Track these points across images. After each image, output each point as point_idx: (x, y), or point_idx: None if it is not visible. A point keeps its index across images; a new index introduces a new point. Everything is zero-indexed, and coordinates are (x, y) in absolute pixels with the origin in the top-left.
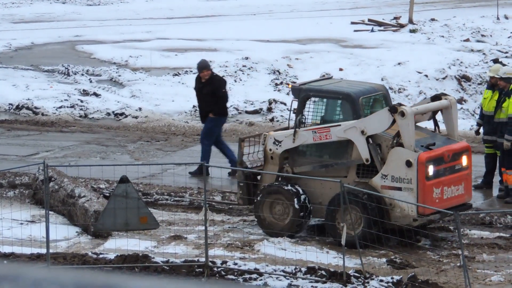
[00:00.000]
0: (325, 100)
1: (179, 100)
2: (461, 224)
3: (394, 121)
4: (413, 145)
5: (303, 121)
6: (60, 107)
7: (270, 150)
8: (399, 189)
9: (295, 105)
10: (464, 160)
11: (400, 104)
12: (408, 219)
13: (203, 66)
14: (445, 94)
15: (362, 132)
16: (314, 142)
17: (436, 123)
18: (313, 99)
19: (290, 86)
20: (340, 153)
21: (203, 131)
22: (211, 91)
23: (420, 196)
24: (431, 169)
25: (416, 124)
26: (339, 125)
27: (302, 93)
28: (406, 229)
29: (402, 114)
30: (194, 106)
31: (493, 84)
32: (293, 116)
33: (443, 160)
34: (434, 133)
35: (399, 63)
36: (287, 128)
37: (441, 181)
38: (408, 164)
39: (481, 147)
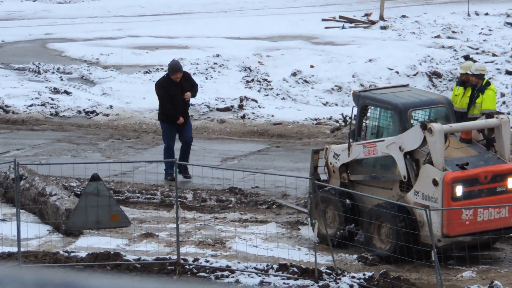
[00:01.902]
0: (378, 109)
1: (150, 98)
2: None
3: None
4: (442, 163)
5: (362, 129)
6: (31, 105)
7: (331, 163)
8: (427, 207)
9: (355, 112)
10: (510, 183)
11: (431, 121)
12: (434, 239)
13: (179, 68)
14: (499, 113)
15: (400, 148)
16: (364, 157)
17: (489, 142)
18: (370, 107)
19: (352, 91)
20: (387, 166)
21: (191, 131)
22: (190, 87)
23: (445, 216)
24: (459, 190)
25: (472, 140)
26: (383, 140)
27: (360, 100)
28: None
29: (430, 131)
30: None
31: (464, 81)
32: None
33: (479, 181)
34: (485, 152)
35: (370, 60)
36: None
37: (474, 202)
38: (435, 183)
39: None
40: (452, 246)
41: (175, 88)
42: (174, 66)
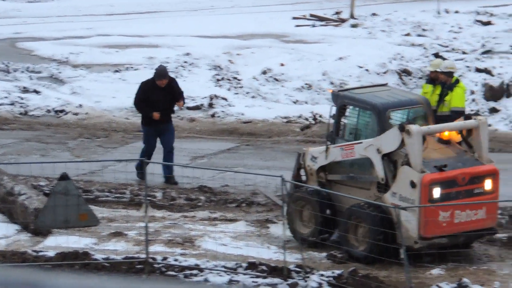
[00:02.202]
0: (357, 109)
1: (120, 97)
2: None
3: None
4: (420, 165)
5: (341, 129)
6: (0, 105)
7: (308, 166)
8: (405, 209)
9: (334, 111)
10: (487, 184)
11: (409, 122)
12: (410, 240)
13: (165, 74)
14: (477, 114)
15: (378, 150)
16: (342, 159)
17: (468, 144)
18: (349, 107)
19: (330, 91)
20: (365, 167)
21: (173, 138)
22: (175, 92)
23: (422, 218)
24: (436, 192)
25: (451, 141)
26: (361, 142)
27: (339, 100)
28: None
29: (408, 133)
30: None
31: (433, 79)
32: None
33: (456, 183)
34: (464, 153)
35: (340, 58)
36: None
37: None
38: (413, 184)
39: None
40: (428, 248)
41: (158, 92)
42: (160, 72)
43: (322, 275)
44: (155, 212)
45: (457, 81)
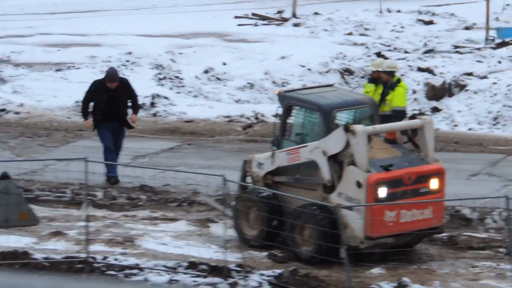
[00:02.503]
0: (303, 110)
1: (61, 96)
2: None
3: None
4: (365, 165)
5: (287, 130)
6: None
7: (255, 173)
8: (351, 209)
9: (280, 112)
10: (433, 184)
11: (354, 123)
12: (356, 240)
13: (115, 78)
14: (422, 114)
15: (323, 152)
16: (288, 164)
17: (414, 143)
18: (295, 108)
19: (277, 92)
20: (311, 169)
21: (122, 140)
22: (127, 94)
23: (368, 218)
24: (382, 191)
25: (396, 141)
26: (307, 146)
27: (285, 101)
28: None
29: (353, 133)
30: (77, 102)
31: (375, 78)
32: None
33: (402, 182)
34: (410, 153)
35: (282, 57)
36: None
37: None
38: (359, 184)
39: None
40: (374, 248)
41: (107, 94)
42: (111, 76)
43: (262, 274)
44: (96, 211)
45: (399, 80)
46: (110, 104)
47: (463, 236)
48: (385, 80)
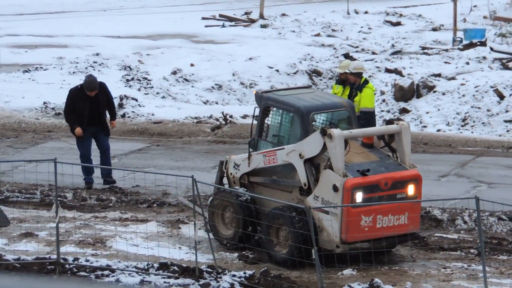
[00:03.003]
0: (280, 111)
1: (29, 97)
2: None
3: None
4: (342, 169)
5: (264, 131)
6: None
7: (231, 174)
8: (327, 212)
9: (257, 113)
10: (410, 189)
11: (331, 126)
12: (332, 244)
13: (94, 87)
14: (400, 119)
15: (300, 155)
16: (265, 166)
17: (391, 148)
18: (273, 109)
19: (254, 92)
20: (287, 171)
21: (107, 140)
22: (106, 100)
23: (344, 222)
24: (359, 196)
25: (373, 146)
26: (283, 148)
27: (262, 101)
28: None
29: (330, 137)
30: (45, 103)
31: (343, 80)
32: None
33: (379, 187)
34: (387, 158)
35: (250, 58)
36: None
37: (374, 209)
38: (335, 188)
39: None
40: (350, 252)
41: (86, 101)
42: (90, 84)
43: (234, 275)
44: (66, 212)
45: (366, 81)
46: (92, 111)
47: (434, 237)
48: (353, 82)
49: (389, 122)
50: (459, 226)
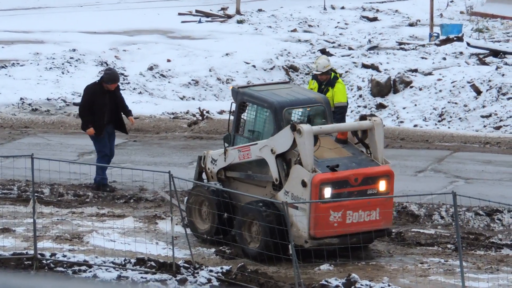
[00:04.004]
0: (255, 106)
1: (6, 93)
2: None
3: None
4: (311, 164)
5: (241, 126)
6: None
7: (209, 169)
8: (296, 208)
9: (234, 108)
10: (381, 185)
11: (300, 122)
12: (301, 240)
13: (117, 78)
14: (373, 115)
15: (272, 150)
16: (239, 161)
17: (364, 144)
18: (248, 104)
19: (231, 87)
20: (261, 166)
21: (114, 144)
22: (120, 98)
23: (312, 218)
24: (327, 192)
25: (348, 142)
26: (256, 143)
27: (238, 97)
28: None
29: (299, 132)
30: (22, 99)
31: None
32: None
33: (349, 183)
34: (360, 154)
35: (227, 54)
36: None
37: (343, 205)
38: (304, 184)
39: None
40: (320, 247)
41: (105, 96)
42: (112, 76)
43: (211, 271)
44: (43, 208)
45: (336, 77)
46: (111, 107)
47: (411, 232)
48: (324, 80)
49: (362, 117)
50: (436, 222)
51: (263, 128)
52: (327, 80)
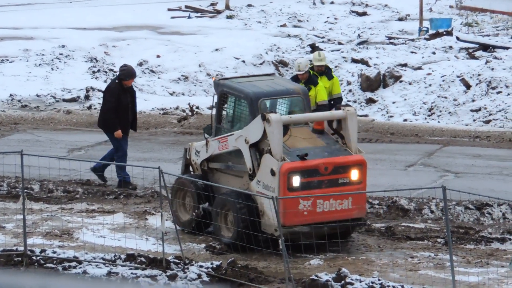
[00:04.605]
0: (234, 98)
1: None
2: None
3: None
4: (280, 153)
5: (223, 118)
6: None
7: (193, 160)
8: (272, 199)
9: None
10: (353, 174)
11: (271, 111)
12: (271, 228)
13: (135, 73)
14: (348, 105)
15: (245, 140)
16: (219, 152)
17: (338, 134)
18: (228, 95)
19: (213, 79)
20: (239, 156)
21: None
22: (135, 93)
23: (281, 206)
24: (296, 180)
25: (324, 132)
26: (233, 134)
27: (219, 88)
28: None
29: (268, 121)
30: (11, 95)
31: (318, 72)
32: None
33: (318, 172)
34: (335, 143)
35: (216, 49)
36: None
37: (313, 193)
38: (272, 172)
39: None
40: (292, 236)
41: (127, 95)
42: (131, 72)
43: (201, 266)
44: (33, 204)
45: (316, 76)
46: (131, 105)
47: (401, 226)
48: (305, 78)
49: (337, 108)
50: (426, 216)
51: (241, 119)
52: (307, 78)
